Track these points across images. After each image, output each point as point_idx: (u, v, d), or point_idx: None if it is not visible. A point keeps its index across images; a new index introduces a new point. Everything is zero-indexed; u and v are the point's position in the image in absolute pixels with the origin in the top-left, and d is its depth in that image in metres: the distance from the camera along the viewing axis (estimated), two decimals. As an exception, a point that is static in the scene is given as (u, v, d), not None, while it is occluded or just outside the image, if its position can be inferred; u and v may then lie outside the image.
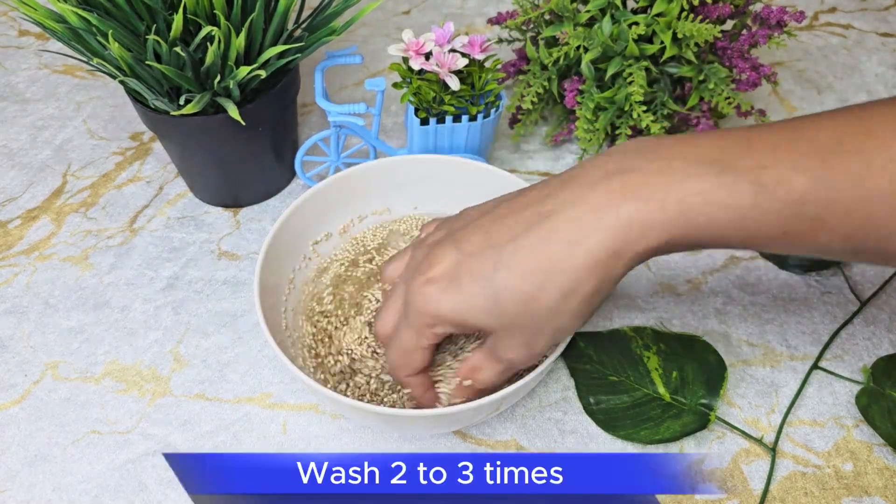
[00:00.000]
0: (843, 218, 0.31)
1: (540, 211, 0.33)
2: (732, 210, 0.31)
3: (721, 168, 0.31)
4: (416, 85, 0.48)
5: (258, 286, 0.41)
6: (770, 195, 0.31)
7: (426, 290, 0.34)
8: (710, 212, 0.31)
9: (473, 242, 0.34)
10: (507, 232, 0.33)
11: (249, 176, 0.54)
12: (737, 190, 0.31)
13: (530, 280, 0.32)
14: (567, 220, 0.32)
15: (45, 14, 0.44)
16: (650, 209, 0.31)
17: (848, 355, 0.47)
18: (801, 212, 0.31)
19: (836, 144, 0.31)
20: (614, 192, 0.32)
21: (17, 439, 0.44)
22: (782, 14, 0.50)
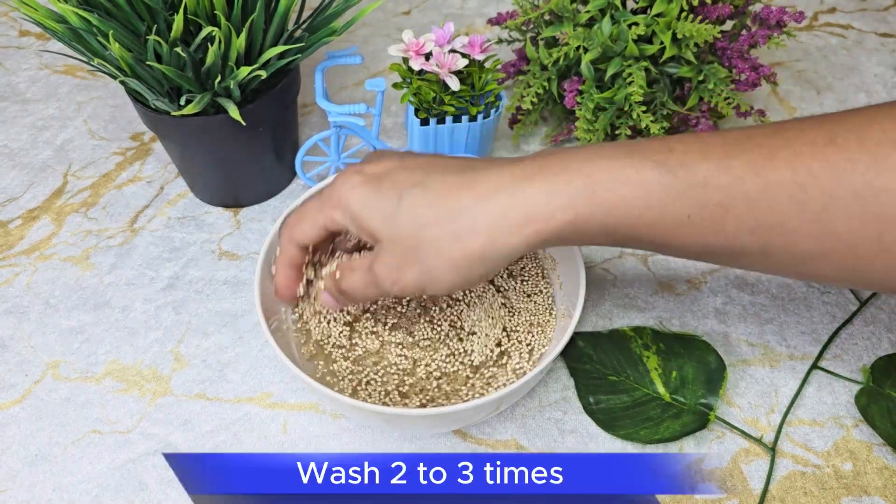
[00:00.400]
0: (747, 207, 0.32)
1: (476, 165, 0.35)
2: (637, 186, 0.32)
3: (631, 150, 0.33)
4: (416, 85, 0.48)
5: (258, 286, 0.41)
6: (674, 174, 0.32)
7: (351, 177, 0.36)
8: (615, 187, 0.32)
9: (415, 162, 0.36)
10: (443, 167, 0.35)
11: (250, 176, 0.54)
12: (642, 167, 0.32)
13: (434, 208, 0.34)
14: (489, 178, 0.34)
15: (46, 14, 0.44)
16: (558, 181, 0.32)
17: (847, 355, 0.47)
18: (704, 195, 0.32)
19: (744, 139, 0.32)
20: (534, 167, 0.33)
21: (18, 439, 0.44)
22: (782, 14, 0.50)
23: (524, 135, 0.61)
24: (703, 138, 0.33)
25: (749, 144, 0.32)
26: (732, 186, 0.31)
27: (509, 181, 0.33)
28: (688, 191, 0.32)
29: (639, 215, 0.32)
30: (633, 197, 0.32)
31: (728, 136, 0.33)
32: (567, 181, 0.32)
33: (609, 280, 0.51)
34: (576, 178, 0.32)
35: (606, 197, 0.32)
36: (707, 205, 0.32)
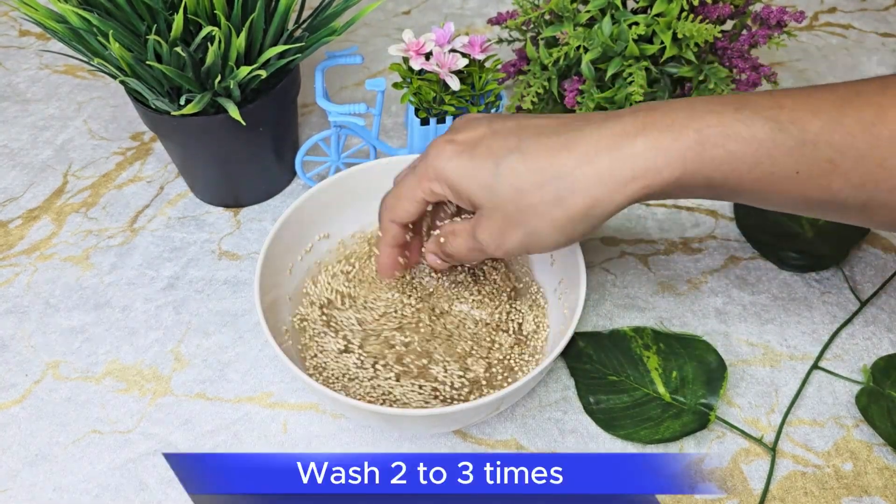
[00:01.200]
0: (856, 162, 0.32)
1: (570, 124, 0.35)
2: (748, 143, 0.32)
3: (740, 105, 0.32)
4: (416, 85, 0.48)
5: (258, 286, 0.41)
6: (785, 132, 0.32)
7: (444, 148, 0.36)
8: (727, 143, 0.32)
9: (505, 126, 0.36)
10: (536, 129, 0.35)
11: (250, 176, 0.54)
12: (753, 124, 0.32)
13: (533, 174, 0.34)
14: (588, 137, 0.33)
15: (46, 14, 0.44)
16: (666, 137, 0.32)
17: (848, 355, 0.47)
18: (814, 152, 0.32)
19: (853, 95, 0.32)
20: (637, 122, 0.33)
21: (18, 439, 0.44)
22: (782, 14, 0.50)
23: (524, 135, 0.61)
24: (811, 93, 0.33)
25: (858, 101, 0.32)
26: (844, 143, 0.31)
27: (610, 140, 0.33)
28: (799, 147, 0.32)
29: (747, 171, 0.32)
30: (742, 153, 0.32)
31: (836, 91, 0.33)
32: (675, 137, 0.32)
33: (609, 280, 0.51)
34: (684, 134, 0.32)
35: (716, 153, 0.32)
36: (817, 161, 0.32)
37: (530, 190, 0.34)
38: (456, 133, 0.36)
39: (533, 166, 0.34)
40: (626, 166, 0.32)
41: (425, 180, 0.37)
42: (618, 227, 0.54)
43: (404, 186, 0.38)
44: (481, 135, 0.36)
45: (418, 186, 0.37)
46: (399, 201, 0.39)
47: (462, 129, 0.37)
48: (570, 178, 0.33)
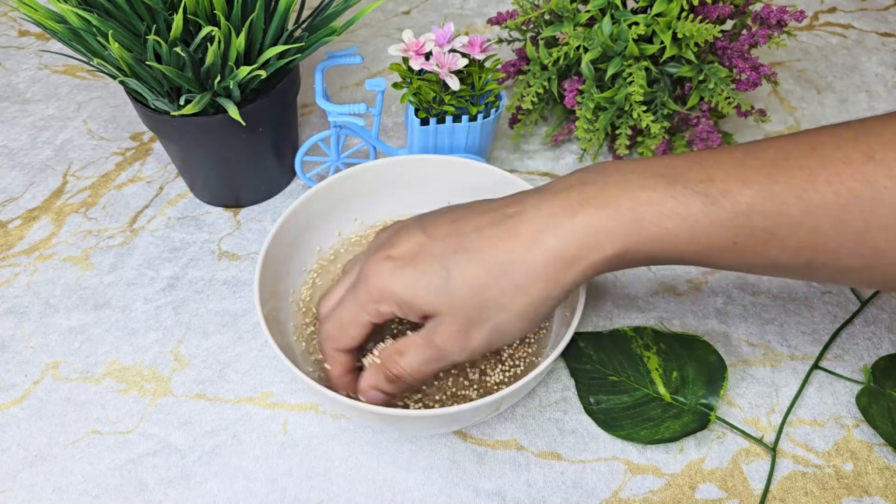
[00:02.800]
0: (791, 231, 0.32)
1: (505, 211, 0.34)
2: (683, 219, 0.32)
3: (671, 180, 0.32)
4: (416, 85, 0.48)
5: (258, 286, 0.41)
6: (718, 205, 0.32)
7: (383, 265, 0.35)
8: (662, 221, 0.32)
9: (440, 229, 0.35)
10: (473, 223, 0.35)
11: (250, 176, 0.54)
12: (686, 200, 0.32)
13: (486, 269, 0.33)
14: (528, 222, 0.33)
15: (46, 14, 0.44)
16: (603, 216, 0.32)
17: (848, 355, 0.47)
18: (749, 223, 0.32)
19: (781, 159, 0.32)
20: (572, 200, 0.33)
21: (18, 439, 0.44)
22: (782, 14, 0.50)
23: (524, 134, 0.61)
24: (739, 160, 0.33)
25: (788, 166, 0.32)
26: (777, 212, 0.32)
27: (548, 221, 0.33)
28: (733, 219, 0.32)
29: (685, 245, 0.33)
30: (678, 229, 0.32)
31: (765, 156, 0.33)
32: (611, 216, 0.32)
33: (609, 280, 0.51)
34: (620, 214, 0.32)
35: (653, 231, 0.32)
36: (752, 231, 0.32)
37: (488, 285, 0.33)
38: (390, 248, 0.35)
39: (483, 261, 0.33)
40: (570, 245, 0.33)
41: (371, 303, 0.35)
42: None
43: (346, 312, 0.36)
44: (419, 244, 0.35)
45: (363, 310, 0.36)
46: (343, 329, 0.37)
47: (395, 242, 0.36)
48: (522, 266, 0.33)
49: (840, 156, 0.31)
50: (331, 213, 0.48)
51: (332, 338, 0.38)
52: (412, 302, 0.34)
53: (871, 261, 0.32)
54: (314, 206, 0.47)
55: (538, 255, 0.33)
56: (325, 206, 0.47)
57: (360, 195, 0.49)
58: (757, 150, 0.33)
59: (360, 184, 0.48)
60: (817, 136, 0.33)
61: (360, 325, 0.37)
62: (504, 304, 0.34)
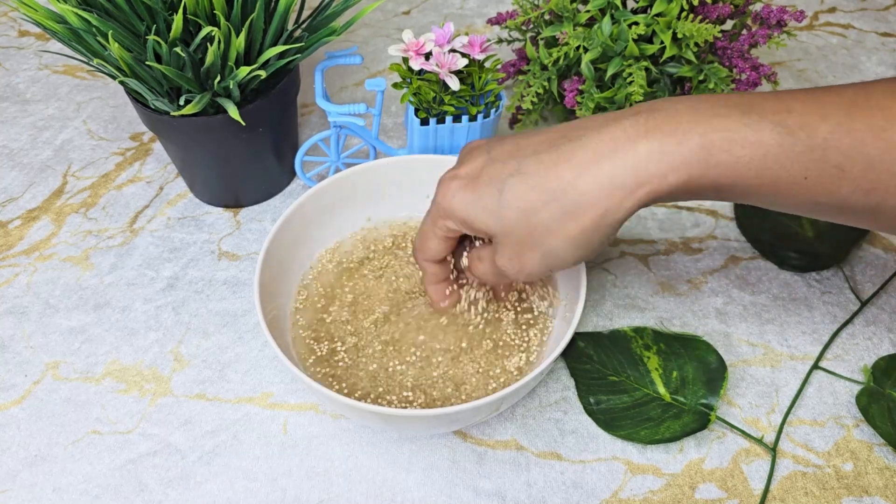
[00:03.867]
0: (865, 168, 0.31)
1: (567, 135, 0.34)
2: (755, 148, 0.31)
3: (746, 109, 0.32)
4: (416, 85, 0.48)
5: (258, 286, 0.41)
6: (794, 137, 0.31)
7: (449, 185, 0.36)
8: (733, 149, 0.31)
9: (503, 150, 0.35)
10: (533, 146, 0.35)
11: (250, 176, 0.54)
12: (760, 129, 0.31)
13: (536, 193, 0.33)
14: (586, 146, 0.33)
15: (46, 14, 0.44)
16: (670, 142, 0.31)
17: (848, 355, 0.47)
18: (823, 157, 0.31)
19: (862, 99, 0.31)
20: (639, 126, 0.32)
21: (18, 439, 0.44)
22: (782, 14, 0.50)
23: (524, 135, 0.61)
24: (819, 96, 0.32)
25: (868, 105, 0.31)
26: (853, 149, 0.31)
27: (610, 144, 0.32)
28: (807, 152, 0.31)
29: (754, 176, 0.32)
30: (750, 158, 0.31)
31: (845, 94, 0.32)
32: (679, 142, 0.31)
33: (609, 280, 0.51)
34: (689, 139, 0.31)
35: (723, 158, 0.31)
36: (826, 166, 0.31)
37: (537, 209, 0.33)
38: (459, 167, 0.37)
39: (534, 185, 0.33)
40: (628, 172, 0.32)
41: (440, 219, 0.37)
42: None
43: (424, 228, 0.39)
44: (482, 164, 0.35)
45: (435, 225, 0.38)
46: (424, 242, 0.39)
47: (464, 161, 0.37)
48: (574, 191, 0.32)
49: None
50: (331, 214, 0.48)
51: (419, 249, 0.40)
52: (470, 222, 0.35)
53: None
54: (314, 206, 0.47)
55: (590, 181, 0.32)
56: (325, 206, 0.47)
57: (360, 195, 0.49)
58: (837, 89, 0.33)
59: (360, 184, 0.48)
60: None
61: (438, 239, 0.38)
62: (554, 230, 0.33)
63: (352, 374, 0.43)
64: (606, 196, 0.32)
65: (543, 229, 0.33)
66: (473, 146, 0.38)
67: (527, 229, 0.34)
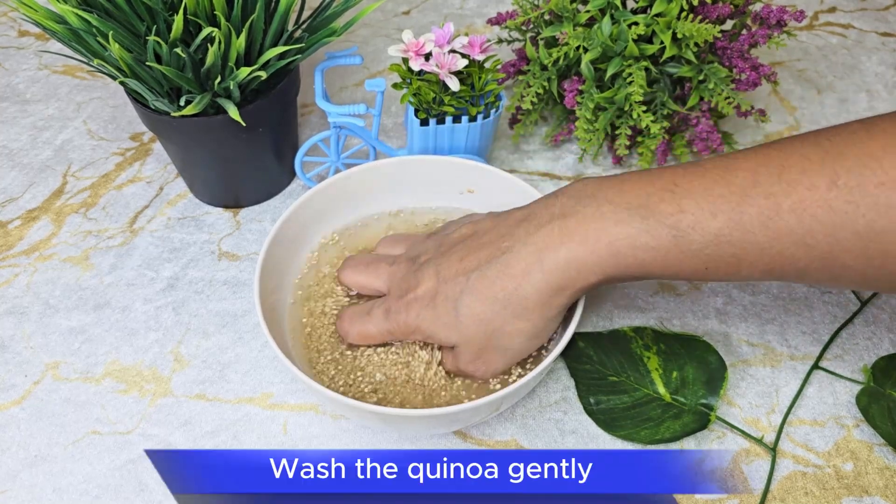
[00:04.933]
0: (759, 255, 0.34)
1: (500, 246, 0.39)
2: (655, 251, 0.35)
3: (644, 213, 0.35)
4: (415, 86, 0.48)
5: (258, 286, 0.41)
6: (687, 238, 0.35)
7: (411, 307, 0.40)
8: (636, 253, 0.35)
9: (449, 269, 0.40)
10: (475, 262, 0.39)
11: (250, 176, 0.54)
12: (658, 234, 0.35)
13: (487, 305, 0.38)
14: (518, 257, 0.37)
15: (46, 15, 0.44)
16: (583, 251, 0.36)
17: (848, 355, 0.47)
18: (717, 251, 0.35)
19: (750, 187, 0.34)
20: (554, 236, 0.37)
21: (18, 440, 0.44)
22: (782, 14, 0.50)
23: (524, 135, 0.61)
24: (710, 188, 0.35)
25: (756, 193, 0.34)
26: (744, 240, 0.34)
27: (536, 256, 0.37)
28: (702, 249, 0.35)
29: (660, 271, 0.36)
30: (652, 259, 0.35)
31: (735, 181, 0.34)
32: (591, 251, 0.36)
33: (609, 280, 0.51)
34: (599, 247, 0.36)
35: (630, 262, 0.36)
36: (721, 257, 0.35)
37: (490, 318, 0.38)
38: (416, 289, 0.40)
39: (484, 298, 0.38)
40: (556, 277, 0.36)
41: (399, 333, 0.41)
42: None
43: (374, 329, 0.42)
44: (434, 285, 0.40)
45: (391, 334, 0.42)
46: (367, 339, 0.43)
47: (418, 283, 0.41)
48: (517, 298, 0.37)
49: (805, 182, 0.33)
50: (331, 214, 0.48)
51: (355, 338, 0.43)
52: (434, 336, 0.40)
53: (838, 274, 0.34)
54: (314, 206, 0.47)
55: (530, 288, 0.37)
56: (325, 206, 0.47)
57: (360, 196, 0.49)
58: (729, 172, 0.35)
59: (360, 184, 0.48)
60: (787, 158, 0.34)
61: (383, 339, 0.43)
62: (508, 332, 0.38)
63: (352, 374, 0.43)
64: (545, 296, 0.37)
65: (500, 333, 0.39)
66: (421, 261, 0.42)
67: (484, 336, 0.39)
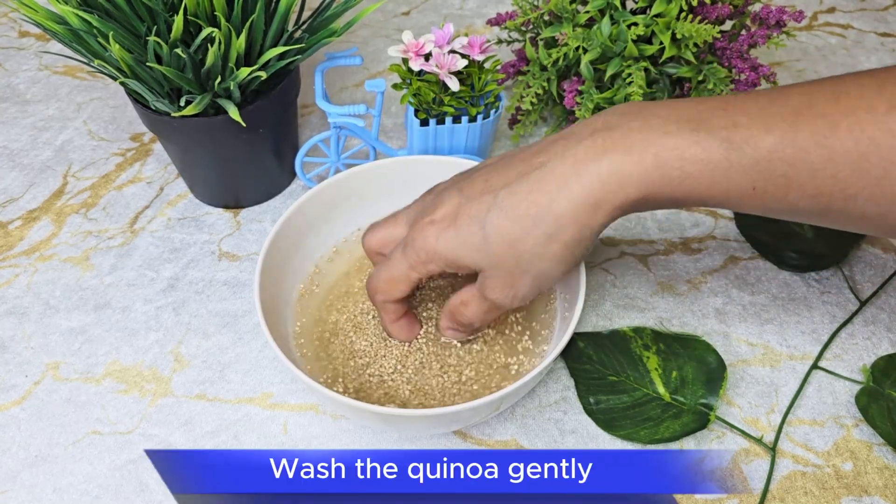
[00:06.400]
0: (810, 176, 0.33)
1: (532, 162, 0.36)
2: (704, 164, 0.33)
3: (695, 126, 0.33)
4: (415, 86, 0.48)
5: (258, 287, 0.41)
6: (739, 151, 0.33)
7: (428, 230, 0.37)
8: (684, 166, 0.33)
9: (474, 188, 0.37)
10: (503, 179, 0.36)
11: (250, 177, 0.54)
12: (708, 145, 0.33)
13: (518, 223, 0.35)
14: (553, 171, 0.34)
15: (46, 15, 0.44)
16: (627, 162, 0.33)
17: (847, 355, 0.47)
18: (769, 168, 0.33)
19: (805, 107, 0.33)
20: (597, 147, 0.34)
21: (18, 440, 0.44)
22: (781, 14, 0.50)
23: (524, 135, 0.61)
24: (766, 107, 0.33)
25: (811, 113, 0.32)
26: (797, 158, 0.32)
27: (575, 168, 0.34)
28: (753, 165, 0.33)
29: (706, 189, 0.33)
30: (699, 173, 0.33)
31: (789, 102, 0.33)
32: (635, 161, 0.33)
33: (609, 280, 0.51)
34: (644, 158, 0.33)
35: (675, 175, 0.33)
36: (772, 177, 0.33)
37: (520, 239, 0.35)
38: (433, 212, 0.38)
39: (514, 216, 0.35)
40: (595, 192, 0.33)
41: (419, 264, 0.38)
42: (617, 228, 0.54)
43: (395, 271, 0.39)
44: (457, 205, 0.37)
45: (413, 269, 0.38)
46: (393, 285, 0.40)
47: (437, 205, 0.38)
48: (551, 215, 0.34)
49: (863, 105, 0.32)
50: (331, 214, 0.48)
51: (383, 291, 0.40)
52: (458, 261, 0.37)
53: (886, 208, 0.33)
54: (314, 206, 0.47)
55: (565, 203, 0.34)
56: (326, 206, 0.48)
57: (361, 196, 0.49)
58: (783, 96, 0.34)
59: (360, 185, 0.48)
60: (842, 84, 0.33)
61: (410, 282, 0.39)
62: (539, 253, 0.35)
63: (352, 374, 0.43)
64: (580, 214, 0.34)
65: (530, 255, 0.35)
66: (440, 189, 0.39)
67: (514, 259, 0.35)
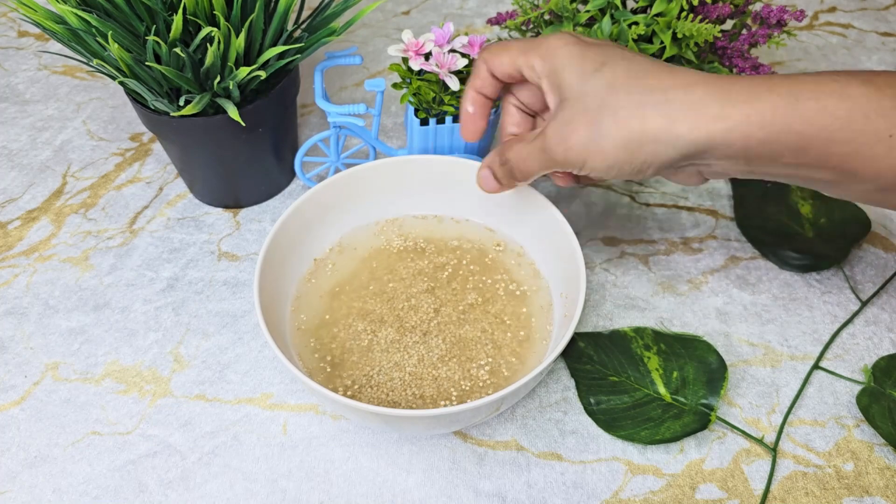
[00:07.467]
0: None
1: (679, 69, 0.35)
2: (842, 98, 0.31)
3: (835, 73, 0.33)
4: (415, 85, 0.48)
5: (258, 287, 0.41)
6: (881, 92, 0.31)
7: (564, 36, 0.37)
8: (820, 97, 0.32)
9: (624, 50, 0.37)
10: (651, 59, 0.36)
11: (249, 177, 0.54)
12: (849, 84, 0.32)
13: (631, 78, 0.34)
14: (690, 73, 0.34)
15: (45, 15, 0.44)
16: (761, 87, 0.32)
17: (849, 355, 0.47)
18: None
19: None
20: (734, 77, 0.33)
21: (17, 440, 0.44)
22: (782, 13, 0.50)
23: (524, 135, 0.61)
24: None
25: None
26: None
27: (709, 78, 0.33)
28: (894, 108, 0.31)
29: (839, 128, 0.31)
30: (835, 107, 0.31)
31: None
32: (770, 88, 0.32)
33: (609, 280, 0.51)
34: (779, 86, 0.32)
35: (809, 105, 0.31)
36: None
37: (621, 88, 0.34)
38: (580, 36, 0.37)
39: (633, 72, 0.34)
40: (716, 99, 0.32)
41: (533, 52, 0.37)
42: (618, 227, 0.54)
43: (512, 47, 0.38)
44: (603, 42, 0.37)
45: (523, 54, 0.38)
46: (501, 53, 0.39)
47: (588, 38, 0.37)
48: (660, 95, 0.33)
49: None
50: (330, 214, 0.48)
51: (491, 51, 0.39)
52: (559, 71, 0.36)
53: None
54: (314, 206, 0.47)
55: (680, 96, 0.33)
56: (325, 206, 0.47)
57: (360, 196, 0.49)
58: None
59: (360, 184, 0.48)
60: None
61: (512, 64, 0.38)
62: (620, 117, 0.34)
63: (351, 374, 0.43)
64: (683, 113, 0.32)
65: (612, 111, 0.34)
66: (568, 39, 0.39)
67: (598, 101, 0.34)
